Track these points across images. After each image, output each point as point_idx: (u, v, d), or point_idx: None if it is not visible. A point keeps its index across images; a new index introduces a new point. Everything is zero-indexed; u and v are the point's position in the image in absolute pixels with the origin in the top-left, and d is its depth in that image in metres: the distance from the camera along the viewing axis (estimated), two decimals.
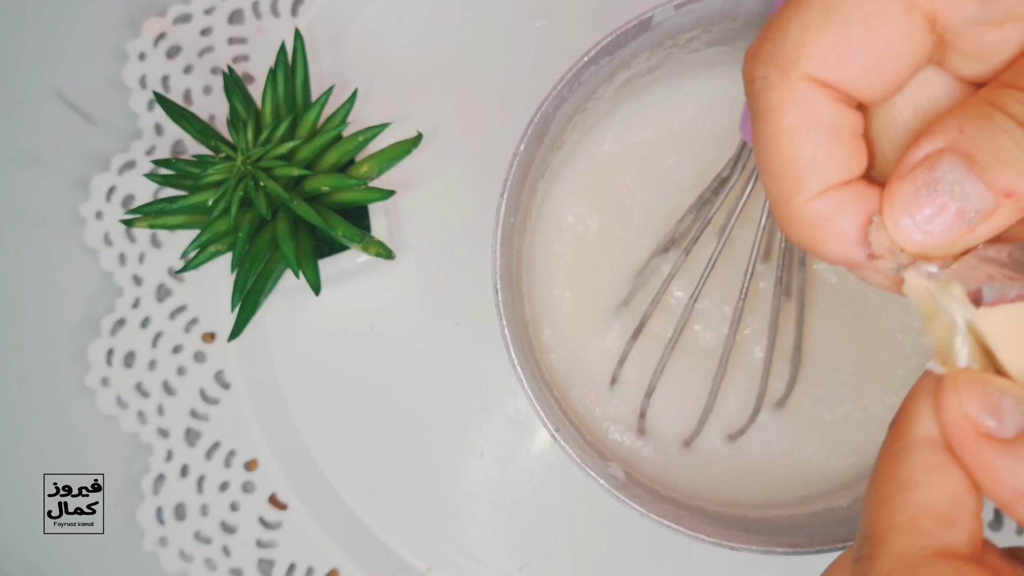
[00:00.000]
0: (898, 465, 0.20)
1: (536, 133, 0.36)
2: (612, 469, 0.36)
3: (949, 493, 0.19)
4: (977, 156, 0.18)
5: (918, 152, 0.19)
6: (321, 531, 0.46)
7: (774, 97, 0.20)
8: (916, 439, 0.20)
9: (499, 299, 0.35)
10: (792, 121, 0.20)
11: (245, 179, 0.39)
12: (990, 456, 0.19)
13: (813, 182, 0.20)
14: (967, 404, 0.19)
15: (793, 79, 0.19)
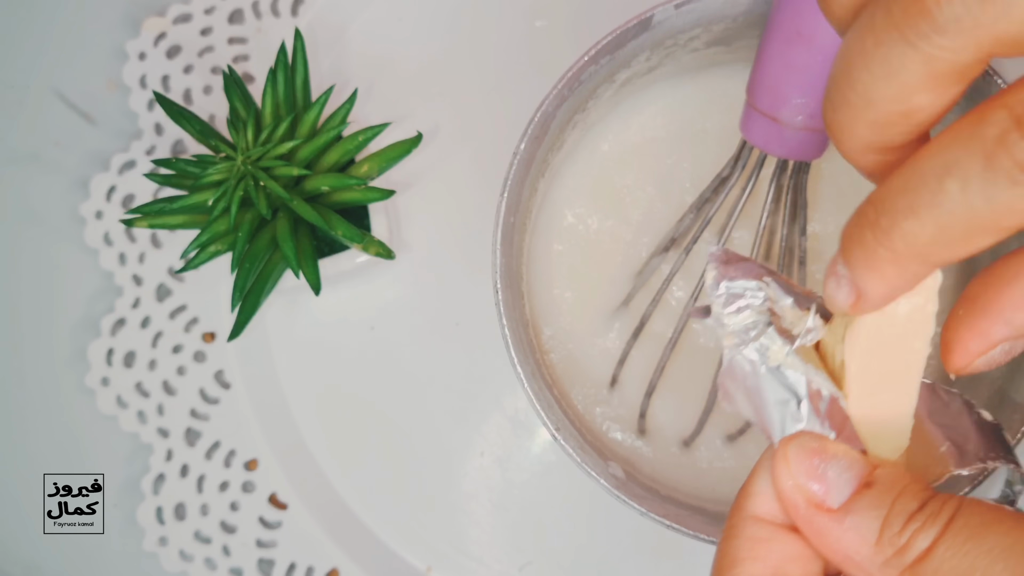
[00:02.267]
0: (728, 543, 0.21)
1: (536, 132, 0.36)
2: (612, 468, 0.36)
3: (772, 566, 0.20)
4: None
5: None
6: (321, 531, 0.46)
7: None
8: (745, 516, 0.21)
9: (499, 298, 0.35)
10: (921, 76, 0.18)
11: (245, 179, 0.39)
12: (820, 525, 0.19)
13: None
14: (797, 475, 0.20)
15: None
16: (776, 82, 0.32)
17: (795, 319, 0.22)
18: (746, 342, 0.22)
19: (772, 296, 0.22)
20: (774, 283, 0.22)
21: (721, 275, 0.23)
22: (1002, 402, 0.37)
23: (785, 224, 0.37)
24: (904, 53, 0.18)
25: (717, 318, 0.22)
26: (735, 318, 0.22)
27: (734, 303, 0.22)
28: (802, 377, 0.21)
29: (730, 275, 0.23)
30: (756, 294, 0.22)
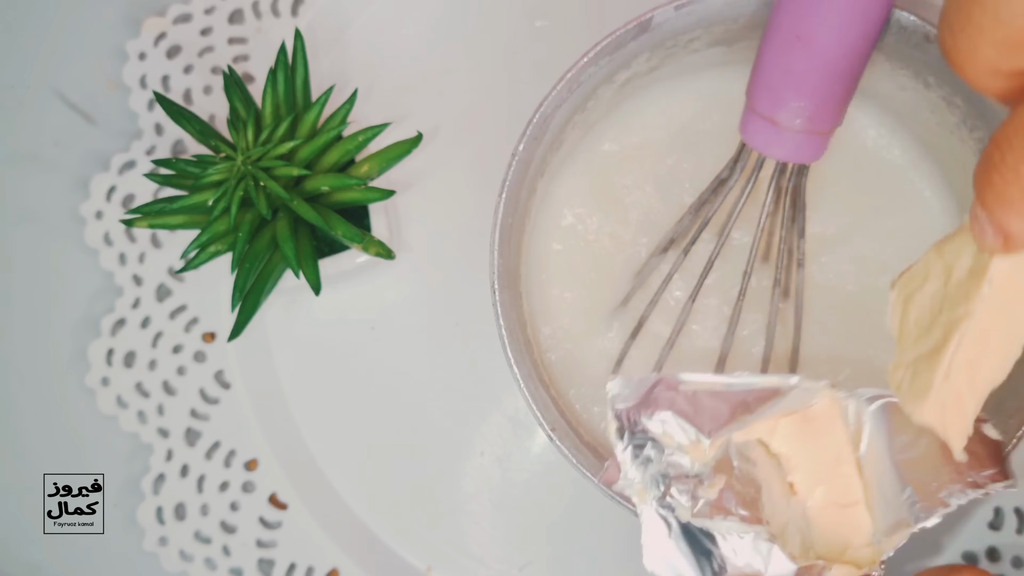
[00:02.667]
0: None
1: (535, 133, 0.36)
2: None
3: None
4: None
5: None
6: (321, 531, 0.46)
7: None
8: None
9: (496, 299, 0.35)
10: None
11: (245, 179, 0.39)
12: None
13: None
14: None
15: None
16: (775, 85, 0.33)
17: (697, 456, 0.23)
18: (657, 499, 0.23)
19: (669, 440, 0.23)
20: (674, 419, 0.23)
21: (623, 425, 0.23)
22: (999, 406, 0.37)
23: (784, 226, 0.38)
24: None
25: (625, 477, 0.23)
26: (642, 472, 0.23)
27: (638, 456, 0.23)
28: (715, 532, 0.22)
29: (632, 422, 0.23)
30: (656, 444, 0.23)
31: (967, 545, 0.43)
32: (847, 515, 0.23)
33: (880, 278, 0.42)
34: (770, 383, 0.23)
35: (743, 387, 0.23)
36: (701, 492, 0.22)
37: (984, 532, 0.44)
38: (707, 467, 0.22)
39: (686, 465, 0.23)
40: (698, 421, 0.23)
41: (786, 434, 0.23)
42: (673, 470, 0.22)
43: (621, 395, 0.24)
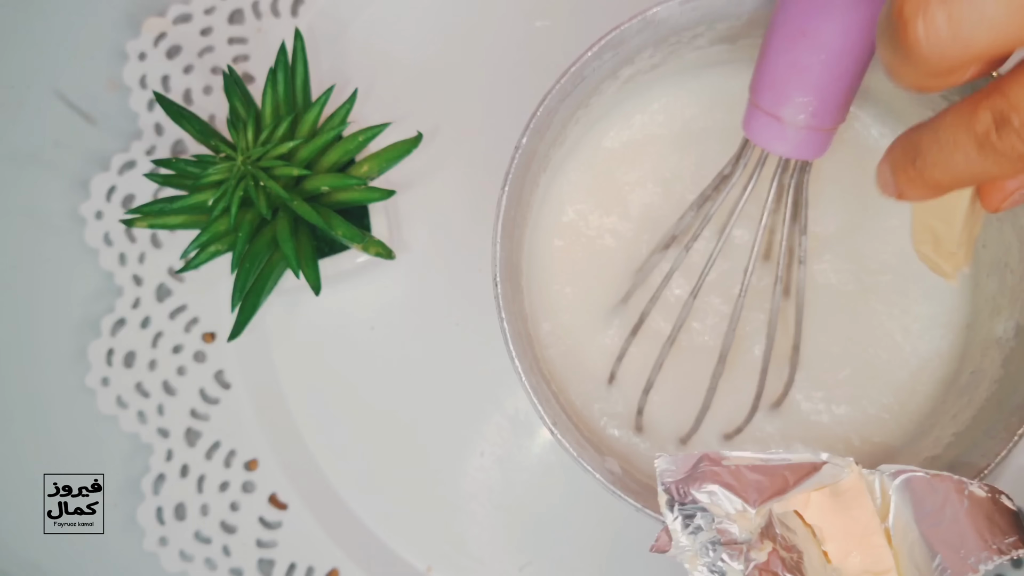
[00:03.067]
0: None
1: (539, 126, 0.36)
2: (609, 464, 0.36)
3: None
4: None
5: None
6: (321, 531, 0.46)
7: None
8: None
9: (498, 292, 0.35)
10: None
11: (245, 179, 0.39)
12: None
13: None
14: None
15: None
16: (779, 80, 0.32)
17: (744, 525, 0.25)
18: (707, 564, 0.24)
19: (718, 510, 0.25)
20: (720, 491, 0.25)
21: (672, 498, 0.25)
22: (999, 404, 0.37)
23: (786, 223, 0.37)
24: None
25: (677, 545, 0.25)
26: (693, 540, 0.25)
27: (688, 526, 0.25)
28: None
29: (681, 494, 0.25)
30: (705, 514, 0.25)
31: None
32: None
33: (881, 277, 0.42)
34: (803, 459, 0.26)
35: (780, 462, 0.26)
36: (752, 555, 0.24)
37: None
38: (754, 534, 0.24)
39: (735, 532, 0.25)
40: (743, 493, 0.25)
41: (819, 506, 0.26)
42: (723, 536, 0.25)
43: (668, 470, 0.26)
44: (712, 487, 0.25)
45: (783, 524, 0.25)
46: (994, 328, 0.39)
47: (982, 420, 0.37)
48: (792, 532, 0.25)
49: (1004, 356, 0.38)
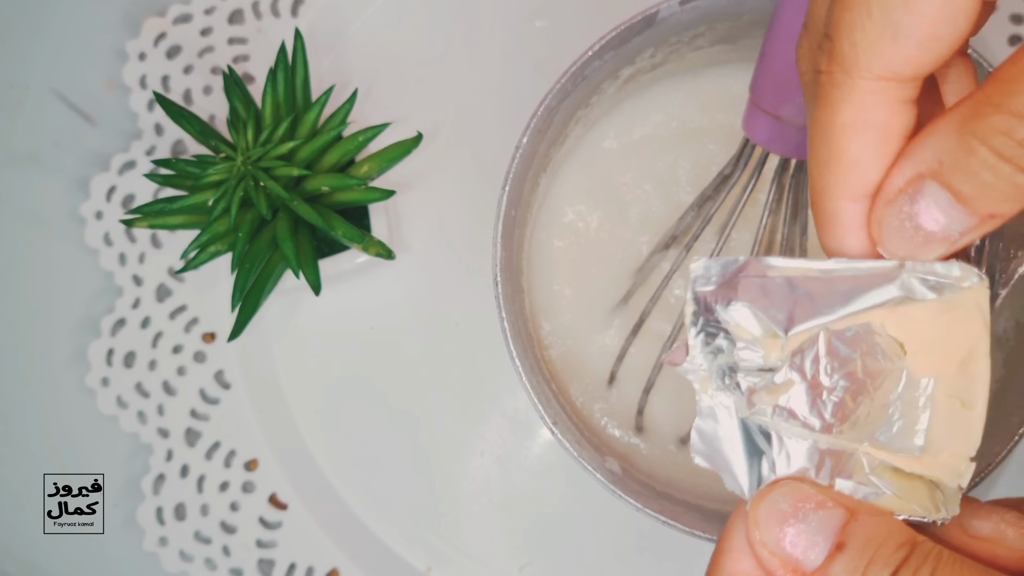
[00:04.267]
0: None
1: (539, 126, 0.36)
2: (609, 464, 0.36)
3: None
4: (959, 190, 0.18)
5: (900, 176, 0.19)
6: (321, 531, 0.46)
7: (836, 94, 0.20)
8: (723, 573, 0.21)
9: (499, 291, 0.35)
10: (847, 120, 0.20)
11: (245, 179, 0.39)
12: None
13: (855, 183, 0.20)
14: (769, 541, 0.20)
15: (855, 79, 0.20)
16: (780, 80, 0.32)
17: (773, 352, 0.21)
18: (721, 389, 0.21)
19: (743, 332, 0.21)
20: (748, 309, 0.21)
21: (699, 310, 0.21)
22: (999, 404, 0.37)
23: (786, 223, 0.37)
24: None
25: (693, 361, 0.22)
26: (711, 361, 0.21)
27: (709, 344, 0.21)
28: (772, 431, 0.21)
29: (708, 308, 0.21)
30: (728, 336, 0.21)
31: None
32: (963, 417, 0.21)
33: None
34: (877, 267, 0.21)
35: (846, 272, 0.21)
36: (768, 389, 0.21)
37: None
38: (782, 362, 0.21)
39: (758, 360, 0.21)
40: (776, 313, 0.21)
41: (912, 318, 0.21)
42: (744, 363, 0.21)
43: (703, 276, 0.22)
44: (741, 304, 0.21)
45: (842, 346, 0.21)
46: (994, 326, 0.39)
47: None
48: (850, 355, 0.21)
49: (1005, 355, 0.38)
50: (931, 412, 0.21)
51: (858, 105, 0.20)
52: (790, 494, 0.20)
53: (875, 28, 0.19)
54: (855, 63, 0.19)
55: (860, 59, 0.19)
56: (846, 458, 0.21)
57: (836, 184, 0.21)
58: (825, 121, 0.21)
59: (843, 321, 0.21)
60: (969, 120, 0.18)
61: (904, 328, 0.21)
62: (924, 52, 0.19)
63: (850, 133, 0.20)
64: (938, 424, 0.21)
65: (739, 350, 0.21)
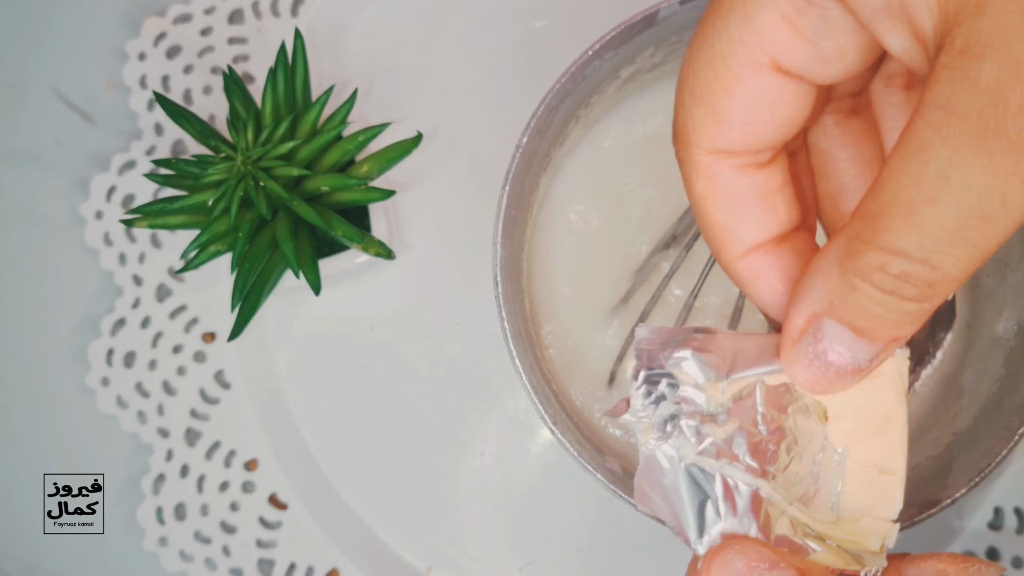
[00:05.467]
0: None
1: (539, 126, 0.36)
2: (609, 464, 0.36)
3: None
4: (856, 324, 0.19)
5: (798, 318, 0.20)
6: (321, 531, 0.46)
7: (684, 170, 0.22)
8: None
9: (499, 291, 0.35)
10: (702, 190, 0.22)
11: (245, 179, 0.39)
12: None
13: (734, 244, 0.22)
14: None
15: (693, 153, 0.21)
16: None
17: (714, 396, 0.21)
18: (663, 438, 0.21)
19: (685, 377, 0.21)
20: (692, 356, 0.21)
21: (641, 364, 0.22)
22: (999, 404, 0.37)
23: None
24: None
25: (634, 412, 0.22)
26: (652, 410, 0.21)
27: (651, 394, 0.22)
28: (716, 474, 0.21)
29: (651, 360, 0.22)
30: (672, 381, 0.22)
31: (967, 545, 0.43)
32: (880, 483, 0.21)
33: None
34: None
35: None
36: (711, 431, 0.21)
37: (984, 532, 0.43)
38: (723, 408, 0.21)
39: (700, 403, 0.21)
40: (718, 360, 0.21)
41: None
42: (687, 406, 0.21)
43: (645, 338, 0.22)
44: (684, 352, 0.21)
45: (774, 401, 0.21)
46: (995, 327, 0.39)
47: (983, 419, 0.37)
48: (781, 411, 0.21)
49: (1005, 355, 0.38)
50: (844, 481, 0.21)
51: (705, 176, 0.21)
52: (744, 553, 0.20)
53: (700, 112, 0.21)
54: (690, 141, 0.21)
55: (692, 138, 0.21)
56: (778, 514, 0.21)
57: (719, 248, 0.22)
58: (688, 193, 0.22)
59: (777, 376, 0.21)
60: (846, 259, 0.18)
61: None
62: (747, 135, 0.21)
63: (708, 201, 0.22)
64: (854, 491, 0.21)
65: (681, 392, 0.21)
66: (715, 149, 0.21)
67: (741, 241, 0.22)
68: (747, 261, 0.22)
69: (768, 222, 0.22)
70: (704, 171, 0.21)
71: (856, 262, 0.18)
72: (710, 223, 0.22)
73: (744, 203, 0.21)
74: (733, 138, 0.21)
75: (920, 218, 0.17)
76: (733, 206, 0.21)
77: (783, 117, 0.21)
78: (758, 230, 0.22)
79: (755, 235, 0.22)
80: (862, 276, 0.18)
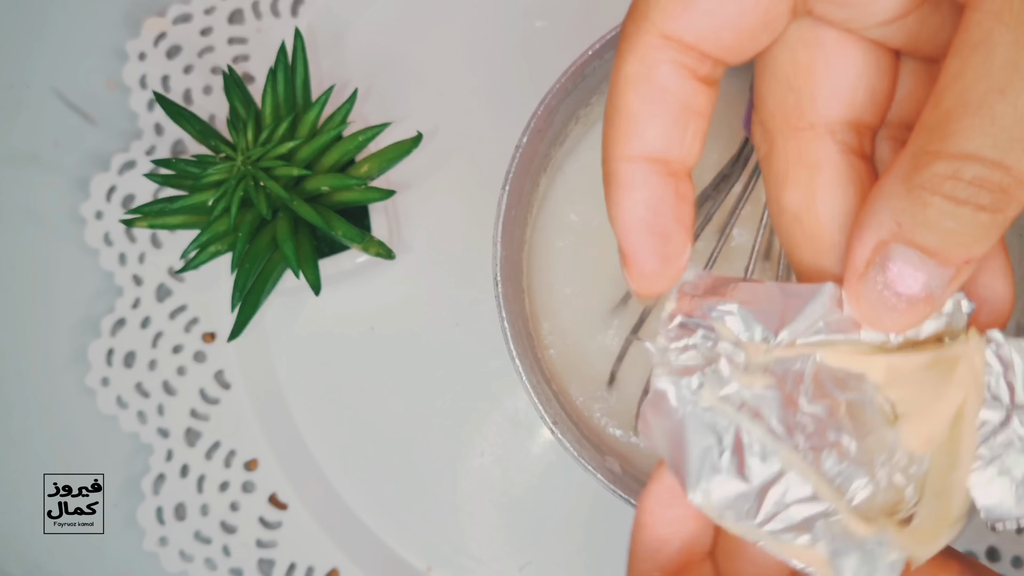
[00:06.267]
0: None
1: (539, 126, 0.36)
2: (609, 463, 0.36)
3: None
4: (927, 244, 0.18)
5: (863, 248, 0.19)
6: (321, 531, 0.46)
7: (623, 46, 0.20)
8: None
9: (499, 291, 0.35)
10: (631, 72, 0.20)
11: (245, 179, 0.39)
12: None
13: (632, 140, 0.20)
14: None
15: (642, 32, 0.20)
16: None
17: (754, 356, 0.20)
18: (682, 374, 0.19)
19: (726, 331, 0.20)
20: (738, 310, 0.20)
21: (679, 309, 0.20)
22: None
23: None
24: None
25: (660, 348, 0.20)
26: (678, 355, 0.20)
27: (683, 340, 0.20)
28: (732, 426, 0.19)
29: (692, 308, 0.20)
30: (709, 334, 0.20)
31: (967, 544, 0.43)
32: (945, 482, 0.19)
33: None
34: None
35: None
36: (739, 383, 0.19)
37: (984, 532, 0.43)
38: (762, 369, 0.19)
39: (738, 362, 0.19)
40: (767, 318, 0.19)
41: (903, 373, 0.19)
42: (722, 358, 0.19)
43: (691, 283, 0.20)
44: (730, 306, 0.19)
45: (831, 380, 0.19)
46: None
47: None
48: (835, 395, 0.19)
49: None
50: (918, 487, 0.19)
51: (641, 59, 0.20)
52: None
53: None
54: (644, 17, 0.19)
55: (650, 13, 0.19)
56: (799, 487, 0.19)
57: (613, 139, 0.20)
58: (613, 75, 0.20)
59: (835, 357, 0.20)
60: (912, 175, 0.17)
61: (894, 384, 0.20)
62: (707, 27, 0.19)
63: (631, 86, 0.20)
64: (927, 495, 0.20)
65: (719, 349, 0.20)
66: (668, 33, 0.19)
67: (640, 140, 0.20)
68: (633, 165, 0.20)
69: (673, 137, 0.20)
70: (644, 53, 0.20)
71: (924, 175, 0.17)
72: (620, 108, 0.20)
73: (665, 104, 0.20)
74: (694, 25, 0.19)
75: (991, 113, 0.15)
76: (653, 101, 0.20)
77: (751, 18, 0.19)
78: (661, 138, 0.20)
79: (656, 142, 0.20)
80: (932, 189, 0.17)
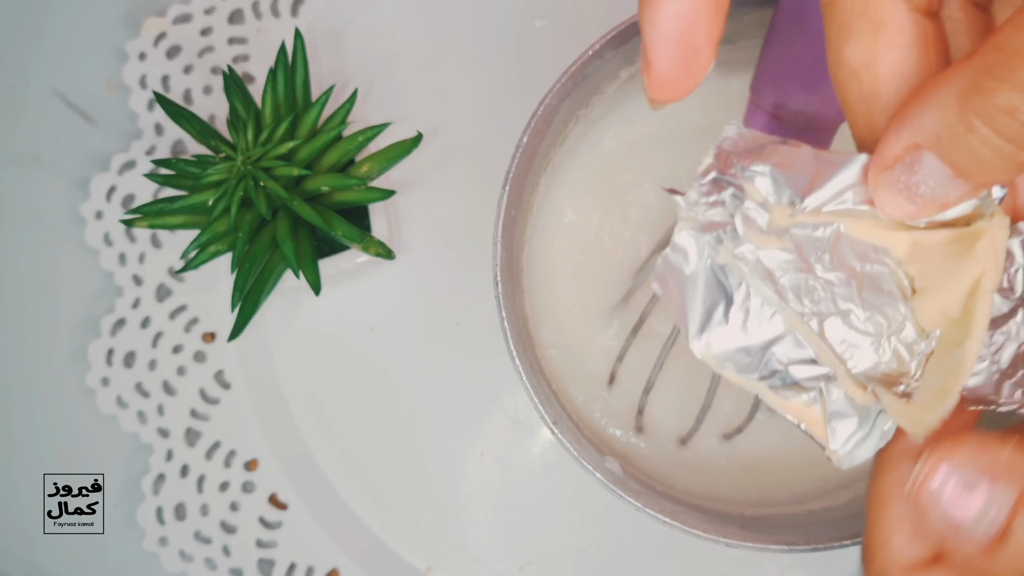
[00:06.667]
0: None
1: (539, 125, 0.36)
2: (609, 464, 0.36)
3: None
4: (958, 164, 0.18)
5: (896, 143, 0.19)
6: (321, 531, 0.46)
7: None
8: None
9: (499, 291, 0.35)
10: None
11: (245, 179, 0.39)
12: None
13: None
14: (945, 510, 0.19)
15: None
16: (780, 79, 0.33)
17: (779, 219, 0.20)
18: (703, 230, 0.20)
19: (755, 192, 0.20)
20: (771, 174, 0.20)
21: (715, 165, 0.20)
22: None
23: None
24: None
25: (688, 202, 0.20)
26: (704, 210, 0.20)
27: (711, 196, 0.20)
28: (743, 282, 0.20)
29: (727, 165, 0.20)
30: (738, 194, 0.20)
31: None
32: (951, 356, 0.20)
33: None
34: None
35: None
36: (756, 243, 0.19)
37: None
38: (782, 232, 0.20)
39: (760, 224, 0.20)
40: (797, 181, 0.20)
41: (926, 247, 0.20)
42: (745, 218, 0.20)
43: (731, 139, 0.20)
44: (763, 167, 0.19)
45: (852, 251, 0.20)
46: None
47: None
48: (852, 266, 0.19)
49: None
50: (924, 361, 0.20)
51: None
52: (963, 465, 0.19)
53: None
54: None
55: None
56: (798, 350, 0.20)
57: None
58: None
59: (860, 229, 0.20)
60: (970, 96, 0.17)
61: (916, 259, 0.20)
62: None
63: None
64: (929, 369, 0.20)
65: (744, 210, 0.20)
66: None
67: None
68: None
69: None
70: None
71: (981, 101, 0.17)
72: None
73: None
74: None
75: None
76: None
77: None
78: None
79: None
80: (984, 117, 0.17)
